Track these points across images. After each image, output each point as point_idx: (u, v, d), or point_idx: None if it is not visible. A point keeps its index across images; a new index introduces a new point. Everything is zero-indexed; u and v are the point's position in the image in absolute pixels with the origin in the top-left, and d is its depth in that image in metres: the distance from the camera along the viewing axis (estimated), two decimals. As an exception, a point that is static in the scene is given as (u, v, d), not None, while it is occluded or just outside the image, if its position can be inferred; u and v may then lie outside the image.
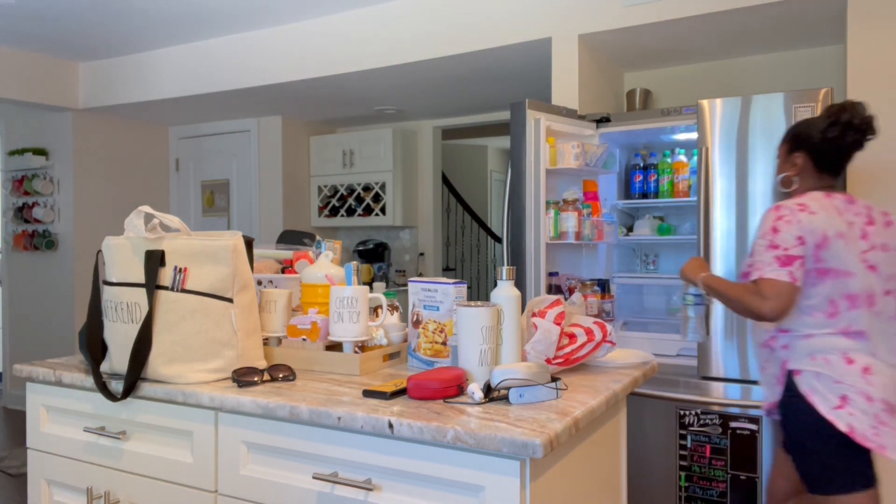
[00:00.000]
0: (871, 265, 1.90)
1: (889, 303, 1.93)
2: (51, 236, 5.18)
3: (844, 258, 1.87)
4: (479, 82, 4.24)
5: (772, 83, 3.61)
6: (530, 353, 1.62)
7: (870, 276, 1.89)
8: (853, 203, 1.95)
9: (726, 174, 2.74)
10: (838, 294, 1.88)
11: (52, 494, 1.77)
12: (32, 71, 4.73)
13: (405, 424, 1.25)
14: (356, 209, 5.42)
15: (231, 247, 1.58)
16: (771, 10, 2.96)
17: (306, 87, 4.35)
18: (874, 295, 1.89)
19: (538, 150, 2.87)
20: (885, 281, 1.93)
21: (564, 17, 3.29)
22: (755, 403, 2.69)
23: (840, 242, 1.86)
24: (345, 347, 1.67)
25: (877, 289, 1.90)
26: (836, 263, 1.87)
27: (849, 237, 1.88)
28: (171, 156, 5.87)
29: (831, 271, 1.88)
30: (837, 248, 1.86)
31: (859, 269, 1.88)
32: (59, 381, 1.70)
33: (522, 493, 1.18)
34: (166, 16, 3.96)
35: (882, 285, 1.92)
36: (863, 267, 1.89)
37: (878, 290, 1.90)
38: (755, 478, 2.71)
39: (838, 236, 1.87)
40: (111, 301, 1.60)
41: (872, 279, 1.89)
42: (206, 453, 1.50)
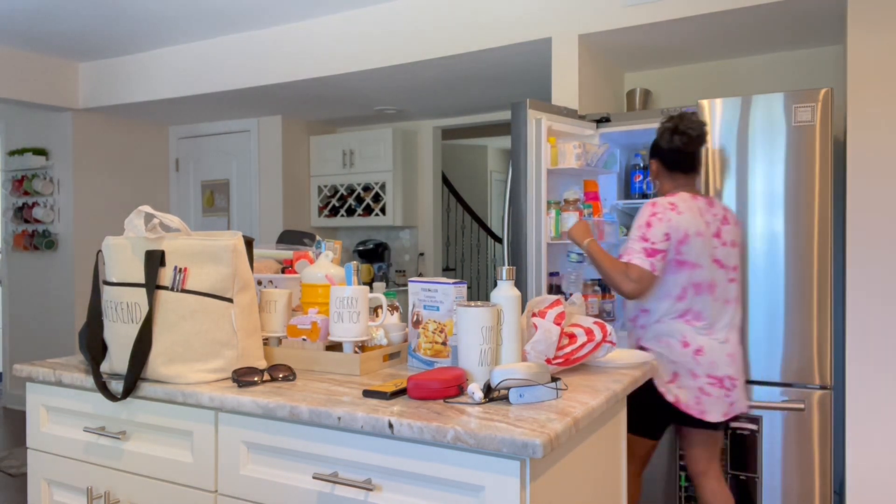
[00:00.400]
0: (717, 259, 2.30)
1: (731, 289, 2.33)
2: (51, 236, 5.18)
3: (698, 253, 2.25)
4: (480, 82, 4.23)
5: (772, 83, 3.61)
6: (530, 353, 1.62)
7: (714, 269, 2.29)
8: (712, 206, 2.34)
9: (726, 174, 2.74)
10: (688, 282, 2.27)
11: (52, 494, 1.77)
12: (32, 71, 4.73)
13: (405, 424, 1.25)
14: (356, 209, 5.42)
15: (231, 247, 1.58)
16: (771, 10, 2.96)
17: (306, 87, 4.35)
18: (715, 284, 2.29)
19: (539, 150, 2.87)
20: (729, 271, 2.33)
21: (564, 17, 3.29)
22: (755, 403, 2.69)
23: (698, 240, 2.25)
24: (345, 347, 1.67)
25: (719, 279, 2.30)
26: (692, 257, 2.25)
27: (705, 235, 2.27)
28: (171, 156, 5.87)
29: (687, 263, 2.26)
30: (695, 244, 2.25)
31: (707, 263, 2.27)
32: (59, 381, 1.70)
33: (522, 493, 1.18)
34: (166, 16, 3.96)
35: (726, 275, 2.32)
36: (710, 261, 2.28)
37: (720, 280, 2.30)
38: (755, 478, 2.71)
39: (697, 234, 2.25)
40: (111, 301, 1.60)
41: (717, 271, 2.30)
42: (206, 453, 1.50)
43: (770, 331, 2.67)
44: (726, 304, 2.33)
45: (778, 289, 2.65)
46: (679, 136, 2.31)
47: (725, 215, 2.36)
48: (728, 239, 2.33)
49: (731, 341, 2.32)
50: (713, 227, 2.30)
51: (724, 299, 2.32)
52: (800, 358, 2.64)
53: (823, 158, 2.60)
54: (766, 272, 2.67)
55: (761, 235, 2.67)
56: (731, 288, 2.33)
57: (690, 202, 2.28)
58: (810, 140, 2.61)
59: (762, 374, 2.69)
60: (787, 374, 2.66)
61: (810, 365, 2.62)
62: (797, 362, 2.64)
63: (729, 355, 2.30)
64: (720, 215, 2.34)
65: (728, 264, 2.33)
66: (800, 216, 2.62)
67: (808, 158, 2.61)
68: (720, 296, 2.30)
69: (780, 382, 2.67)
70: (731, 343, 2.32)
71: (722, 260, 2.31)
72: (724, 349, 2.29)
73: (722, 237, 2.32)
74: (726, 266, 2.32)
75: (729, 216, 2.38)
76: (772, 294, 2.66)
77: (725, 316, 2.32)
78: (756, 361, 2.70)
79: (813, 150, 2.61)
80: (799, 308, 2.63)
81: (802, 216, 2.62)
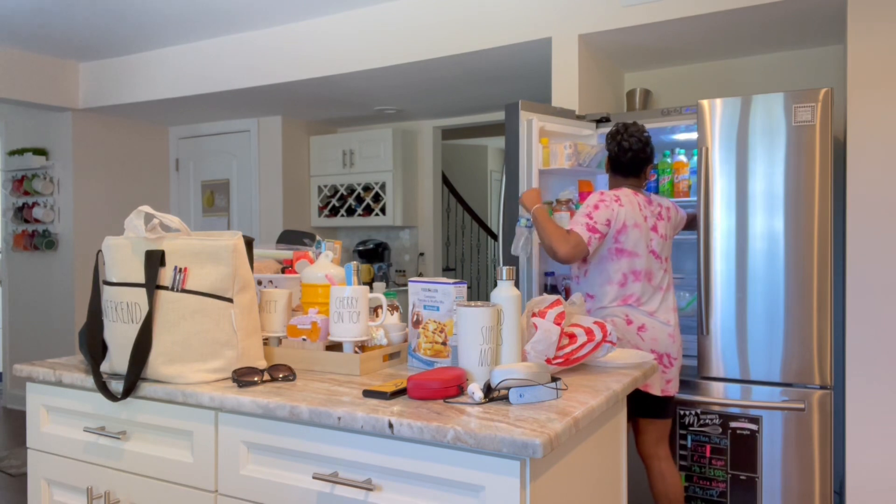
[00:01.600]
0: (653, 250, 2.53)
1: (665, 278, 2.56)
2: (51, 236, 5.18)
3: (635, 242, 2.48)
4: (479, 82, 4.23)
5: (772, 83, 3.61)
6: (530, 353, 1.62)
7: (651, 259, 2.52)
8: (650, 203, 2.57)
9: (726, 174, 2.74)
10: (628, 270, 2.49)
11: (52, 494, 1.77)
12: (32, 71, 4.73)
13: (405, 424, 1.25)
14: (356, 209, 5.42)
15: (231, 247, 1.58)
16: (771, 10, 2.96)
17: (306, 87, 4.35)
18: (652, 272, 2.52)
19: (531, 150, 2.87)
20: (662, 262, 2.55)
21: (564, 17, 3.29)
22: (755, 403, 2.69)
23: (635, 231, 2.48)
24: (345, 347, 1.67)
25: (655, 268, 2.52)
26: (629, 246, 2.48)
27: (643, 228, 2.49)
28: (171, 156, 5.87)
29: (625, 252, 2.48)
30: (633, 234, 2.48)
31: (644, 253, 2.50)
32: (59, 381, 1.70)
33: (522, 493, 1.18)
34: (166, 16, 3.96)
35: (660, 265, 2.55)
36: (647, 251, 2.50)
37: (656, 269, 2.53)
38: (755, 478, 2.71)
39: (635, 226, 2.48)
40: (111, 301, 1.60)
41: (654, 261, 2.52)
42: (206, 453, 1.50)
43: (770, 331, 2.67)
44: (660, 290, 2.55)
45: (778, 289, 2.65)
46: (615, 145, 2.56)
47: (661, 212, 2.60)
48: (662, 232, 2.57)
49: (671, 323, 2.53)
50: (650, 221, 2.54)
51: (659, 286, 2.54)
52: (800, 358, 2.64)
53: (823, 158, 2.60)
54: (766, 272, 2.67)
55: (761, 235, 2.67)
56: (665, 277, 2.57)
57: (631, 197, 2.52)
58: (810, 140, 2.61)
59: (762, 374, 2.69)
60: (787, 374, 2.66)
61: (810, 365, 2.62)
62: (797, 362, 2.64)
63: (670, 335, 2.51)
64: (656, 211, 2.58)
65: (662, 255, 2.56)
66: (800, 216, 2.62)
67: (808, 158, 2.61)
68: (656, 283, 2.54)
69: (780, 382, 2.67)
70: (672, 325, 2.53)
71: (657, 251, 2.54)
72: (666, 330, 2.51)
73: (658, 231, 2.56)
74: (660, 257, 2.56)
75: (664, 213, 2.61)
76: (772, 294, 2.66)
77: (664, 301, 2.55)
78: (756, 361, 2.70)
79: (813, 150, 2.61)
80: (799, 308, 2.63)
81: (802, 216, 2.62)
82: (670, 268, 2.60)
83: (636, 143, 2.53)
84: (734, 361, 2.73)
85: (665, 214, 2.61)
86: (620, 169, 2.58)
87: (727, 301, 2.73)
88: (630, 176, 2.58)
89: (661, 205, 2.62)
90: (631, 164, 2.55)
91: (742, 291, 2.71)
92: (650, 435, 2.58)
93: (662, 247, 2.57)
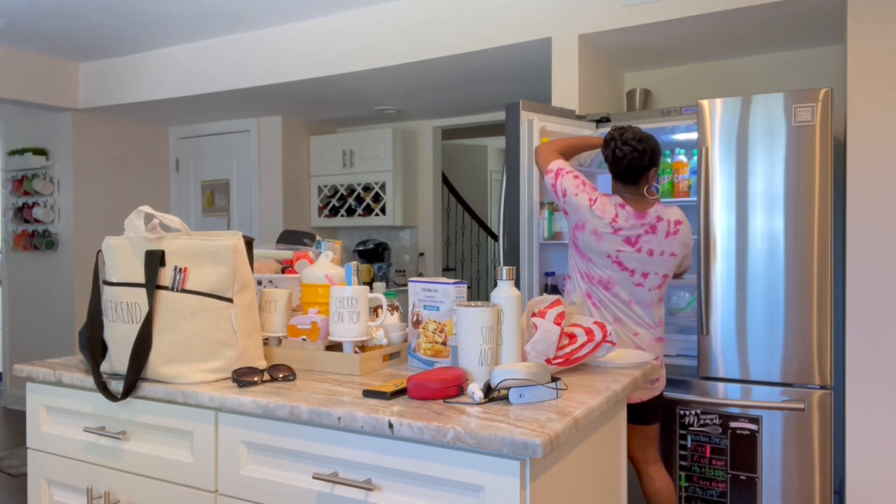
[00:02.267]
0: (619, 261, 2.42)
1: (638, 292, 2.44)
2: (51, 236, 5.18)
3: (590, 248, 2.44)
4: (479, 82, 4.23)
5: (772, 83, 3.61)
6: (530, 353, 1.62)
7: (613, 268, 2.43)
8: (643, 216, 2.42)
9: (726, 174, 2.74)
10: (585, 269, 2.48)
11: (52, 494, 1.77)
12: (32, 71, 4.73)
13: (405, 424, 1.25)
14: (356, 209, 5.42)
15: (231, 247, 1.58)
16: (771, 10, 2.96)
17: (306, 87, 4.35)
18: (612, 283, 2.44)
19: (532, 150, 2.87)
20: (636, 276, 2.43)
21: (564, 17, 3.29)
22: (755, 403, 2.69)
23: (591, 237, 2.43)
24: (345, 347, 1.67)
25: (618, 279, 2.43)
26: (583, 247, 2.46)
27: (603, 237, 2.41)
28: (171, 156, 5.87)
29: (581, 251, 2.47)
30: (589, 239, 2.43)
31: (599, 261, 2.44)
32: (59, 381, 1.70)
33: (522, 493, 1.18)
34: (166, 16, 3.96)
35: (630, 279, 2.43)
36: (604, 258, 2.43)
37: (620, 280, 2.43)
38: (755, 478, 2.71)
39: (592, 232, 2.42)
40: (111, 301, 1.60)
41: (617, 272, 2.43)
42: (206, 453, 1.50)
43: (770, 331, 2.67)
44: (630, 304, 2.45)
45: (778, 289, 2.65)
46: (609, 153, 2.47)
47: (656, 225, 2.42)
48: (646, 248, 2.41)
49: (641, 335, 2.45)
50: (629, 233, 2.40)
51: (627, 300, 2.44)
52: (800, 358, 2.64)
53: (823, 158, 2.60)
54: (766, 272, 2.67)
55: (761, 235, 2.67)
56: (640, 292, 2.44)
57: (612, 208, 2.42)
58: (810, 140, 2.61)
59: (762, 374, 2.69)
60: (787, 374, 2.66)
61: (810, 365, 2.62)
62: (797, 362, 2.64)
63: (638, 347, 2.45)
64: (647, 225, 2.41)
65: (635, 269, 2.42)
66: (800, 216, 2.62)
67: (808, 158, 2.61)
68: (620, 294, 2.44)
69: (780, 382, 2.67)
70: (641, 337, 2.45)
71: (624, 262, 2.41)
72: (633, 341, 2.46)
73: (637, 244, 2.41)
74: (629, 269, 2.42)
75: (661, 227, 2.42)
76: (772, 294, 2.66)
77: (633, 315, 2.45)
78: (756, 361, 2.70)
79: (813, 150, 2.61)
80: (799, 308, 2.63)
81: (802, 216, 2.62)
82: (657, 285, 2.44)
83: (630, 153, 2.39)
84: (734, 361, 2.73)
85: (664, 229, 2.42)
86: (617, 176, 2.47)
87: (727, 301, 2.73)
88: (628, 183, 2.46)
89: (662, 217, 2.43)
90: (626, 172, 2.43)
91: (742, 291, 2.71)
92: (635, 440, 2.57)
93: (640, 261, 2.41)
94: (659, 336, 2.49)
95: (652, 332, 2.47)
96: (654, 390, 2.49)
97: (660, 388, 2.51)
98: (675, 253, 2.45)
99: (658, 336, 2.49)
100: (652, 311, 2.47)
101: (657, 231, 2.42)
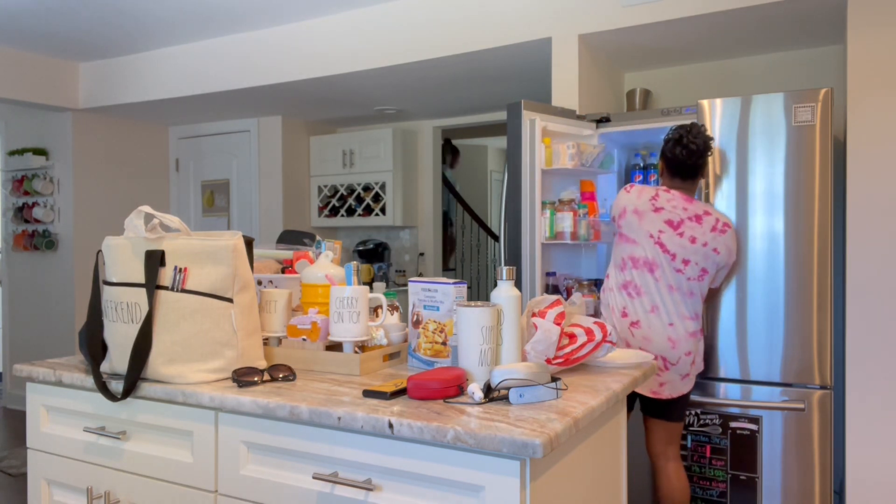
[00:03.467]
0: (660, 242, 2.45)
1: (679, 279, 2.45)
2: (51, 236, 5.18)
3: (632, 228, 2.48)
4: (479, 82, 4.23)
5: (772, 83, 3.61)
6: (530, 353, 1.62)
7: (655, 249, 2.45)
8: (690, 202, 2.49)
9: (726, 174, 2.74)
10: (628, 255, 2.50)
11: (52, 494, 1.77)
12: (32, 71, 4.73)
13: (405, 424, 1.25)
14: (356, 209, 5.42)
15: (231, 247, 1.58)
16: (771, 10, 2.96)
17: (306, 87, 4.35)
18: (655, 264, 2.45)
19: (533, 150, 2.87)
20: (677, 262, 2.44)
21: (564, 17, 3.29)
22: (755, 403, 2.69)
23: (633, 217, 2.48)
24: (345, 347, 1.67)
25: (661, 261, 2.45)
26: (626, 231, 2.50)
27: (644, 214, 2.46)
28: (171, 156, 5.87)
29: (624, 237, 2.50)
30: (631, 220, 2.48)
31: (642, 241, 2.46)
32: (59, 381, 1.70)
33: (522, 493, 1.18)
34: (166, 16, 3.96)
35: (670, 263, 2.44)
36: (646, 238, 2.46)
37: (662, 262, 2.45)
38: (755, 478, 2.71)
39: (634, 212, 2.48)
40: (111, 301, 1.60)
41: (659, 254, 2.45)
42: (206, 453, 1.50)
43: (770, 331, 2.67)
44: (672, 290, 2.46)
45: (778, 289, 2.65)
46: (682, 149, 2.48)
47: (701, 216, 2.46)
48: (689, 234, 2.45)
49: (676, 326, 2.45)
50: (670, 215, 2.46)
51: (669, 285, 2.46)
52: (800, 358, 2.64)
53: (823, 158, 2.60)
54: (766, 272, 2.67)
55: (761, 235, 2.67)
56: (679, 279, 2.46)
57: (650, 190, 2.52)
58: (810, 140, 2.61)
59: (762, 374, 2.69)
60: (787, 374, 2.66)
61: (810, 365, 2.62)
62: (797, 362, 2.64)
63: (670, 339, 2.45)
64: (694, 213, 2.47)
65: (676, 253, 2.44)
66: (800, 216, 2.62)
67: (808, 158, 2.61)
68: (663, 279, 2.46)
69: (780, 382, 2.67)
70: (676, 328, 2.45)
71: (666, 245, 2.45)
72: (667, 332, 2.45)
73: (680, 228, 2.45)
74: (671, 253, 2.45)
75: (707, 220, 2.47)
76: (772, 294, 2.66)
77: (672, 303, 2.46)
78: (756, 361, 2.70)
79: (813, 150, 2.61)
80: (799, 308, 2.63)
81: (802, 216, 2.62)
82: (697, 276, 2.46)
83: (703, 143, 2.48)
84: (734, 361, 2.73)
85: (710, 223, 2.47)
86: (679, 173, 2.54)
87: (727, 301, 2.73)
88: (687, 180, 2.55)
89: (710, 213, 2.49)
90: (692, 169, 2.52)
91: (742, 291, 2.71)
92: (656, 434, 2.58)
93: (681, 247, 2.43)
94: (693, 331, 2.48)
95: (686, 325, 2.47)
96: (684, 386, 2.50)
97: (690, 385, 2.52)
98: (718, 250, 2.46)
99: (692, 331, 2.48)
100: (690, 302, 2.48)
101: (702, 222, 2.47)
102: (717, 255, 2.46)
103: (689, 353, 2.46)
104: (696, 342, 2.49)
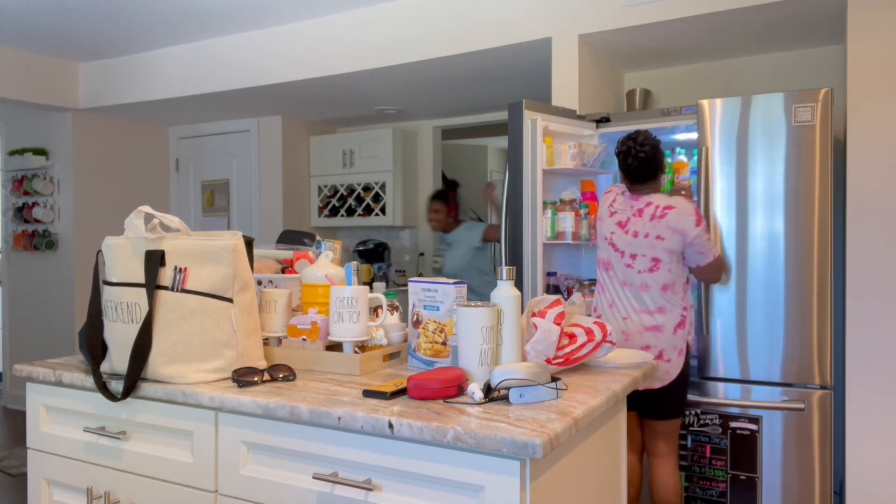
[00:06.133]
0: (612, 242, 2.59)
1: (629, 274, 2.55)
2: (51, 236, 5.18)
3: (600, 232, 2.65)
4: (479, 82, 4.23)
5: (772, 83, 3.61)
6: (530, 353, 1.62)
7: (609, 250, 2.60)
8: (636, 199, 2.59)
9: (726, 174, 2.74)
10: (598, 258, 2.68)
11: (52, 494, 1.77)
12: (32, 71, 4.73)
13: (405, 424, 1.25)
14: (356, 209, 5.42)
15: (231, 247, 1.58)
16: (771, 10, 2.96)
17: (306, 87, 4.35)
18: (610, 263, 2.60)
19: (535, 150, 2.87)
20: (625, 257, 2.55)
21: (564, 17, 3.29)
22: (755, 403, 2.69)
23: (599, 223, 2.67)
24: (345, 347, 1.67)
25: (614, 260, 2.59)
26: (599, 236, 2.67)
27: (604, 219, 2.64)
28: (171, 156, 5.87)
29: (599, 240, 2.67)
30: (598, 225, 2.67)
31: (602, 244, 2.64)
32: (59, 381, 1.70)
33: (522, 493, 1.18)
34: (166, 16, 3.96)
35: (621, 259, 2.56)
36: (603, 241, 2.63)
37: (615, 261, 2.58)
38: (755, 478, 2.71)
39: (599, 218, 2.68)
40: (111, 301, 1.60)
41: (612, 253, 2.59)
42: (206, 453, 1.50)
43: (770, 331, 2.67)
44: (624, 286, 2.56)
45: (778, 289, 2.65)
46: (632, 160, 2.55)
47: (643, 209, 2.54)
48: (632, 229, 2.54)
49: (631, 320, 2.54)
50: (620, 216, 2.59)
51: (622, 281, 2.57)
52: (800, 358, 2.64)
53: (823, 158, 2.60)
54: (766, 272, 2.67)
55: (761, 235, 2.67)
56: (630, 274, 2.55)
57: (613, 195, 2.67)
58: (810, 140, 2.61)
59: (762, 374, 2.69)
60: (787, 374, 2.66)
61: (810, 365, 2.62)
62: (797, 362, 2.64)
63: (623, 332, 2.55)
64: (637, 208, 2.56)
65: (624, 250, 2.55)
66: (800, 216, 2.62)
67: (808, 158, 2.61)
68: (617, 276, 2.59)
69: (780, 382, 2.67)
70: (630, 322, 2.54)
71: (616, 244, 2.58)
72: (621, 326, 2.56)
73: (626, 226, 2.56)
74: (620, 251, 2.57)
75: (647, 211, 2.53)
76: (772, 294, 2.66)
77: (625, 297, 2.56)
78: (756, 361, 2.70)
79: (813, 150, 2.61)
80: (799, 308, 2.63)
81: (802, 216, 2.62)
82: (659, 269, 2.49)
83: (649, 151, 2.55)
84: (734, 361, 2.73)
85: (650, 213, 2.52)
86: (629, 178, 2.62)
87: (727, 301, 2.73)
88: (632, 179, 2.61)
89: (652, 203, 2.53)
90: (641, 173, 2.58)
91: (742, 291, 2.71)
92: (646, 430, 2.66)
93: (628, 243, 2.54)
94: (652, 325, 2.49)
95: (643, 319, 2.51)
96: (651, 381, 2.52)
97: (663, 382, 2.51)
98: (661, 237, 2.49)
99: (650, 325, 2.49)
100: (646, 296, 2.51)
101: (643, 214, 2.54)
102: (661, 241, 2.49)
103: (648, 346, 2.49)
104: (659, 337, 2.49)
